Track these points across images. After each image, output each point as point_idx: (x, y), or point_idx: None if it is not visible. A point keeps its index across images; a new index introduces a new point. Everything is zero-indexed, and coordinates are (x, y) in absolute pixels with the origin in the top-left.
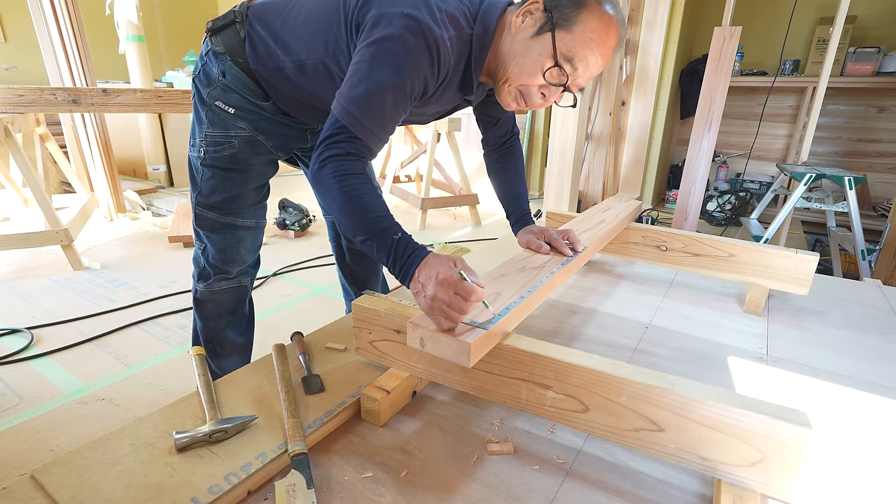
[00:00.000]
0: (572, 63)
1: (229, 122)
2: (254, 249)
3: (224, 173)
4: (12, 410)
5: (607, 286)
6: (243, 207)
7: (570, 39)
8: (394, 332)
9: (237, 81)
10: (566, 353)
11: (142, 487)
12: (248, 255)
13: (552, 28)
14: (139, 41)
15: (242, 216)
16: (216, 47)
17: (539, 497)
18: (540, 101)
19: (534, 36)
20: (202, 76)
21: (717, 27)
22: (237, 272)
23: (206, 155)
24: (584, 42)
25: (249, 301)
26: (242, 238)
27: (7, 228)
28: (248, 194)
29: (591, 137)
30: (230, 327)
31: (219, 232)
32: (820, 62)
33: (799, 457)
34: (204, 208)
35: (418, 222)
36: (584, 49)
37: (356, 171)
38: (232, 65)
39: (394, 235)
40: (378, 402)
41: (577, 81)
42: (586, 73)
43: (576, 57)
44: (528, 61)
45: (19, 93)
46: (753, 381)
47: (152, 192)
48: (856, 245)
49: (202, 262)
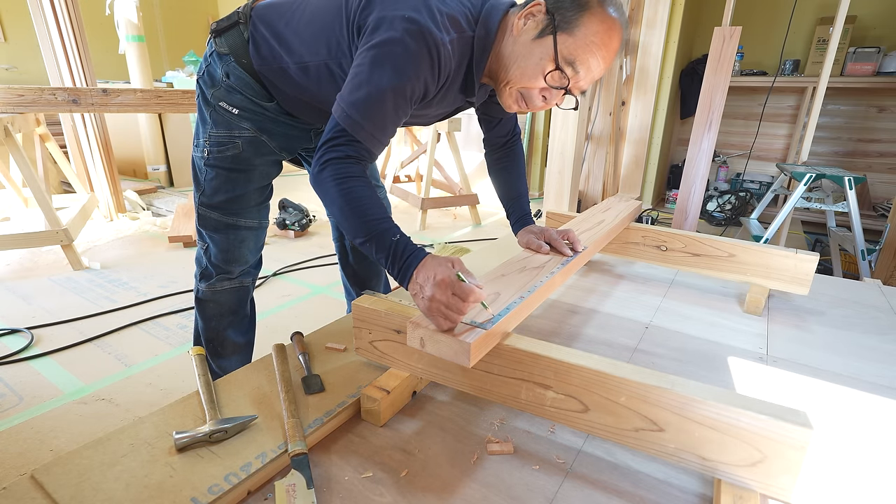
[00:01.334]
0: (574, 66)
1: (233, 123)
2: (256, 250)
3: (227, 173)
4: (12, 410)
5: (607, 286)
6: (246, 208)
7: (571, 42)
8: (394, 332)
9: (241, 82)
10: (566, 353)
11: (142, 487)
12: (250, 256)
13: (554, 31)
14: (139, 41)
15: (245, 216)
16: (220, 48)
17: (539, 497)
18: (541, 104)
19: (535, 38)
20: (206, 77)
21: (717, 27)
22: (239, 272)
23: (209, 155)
24: (586, 45)
25: (251, 301)
26: (245, 238)
27: (7, 228)
28: (251, 194)
29: (591, 137)
30: (231, 327)
31: (221, 232)
32: (820, 62)
33: (799, 457)
34: (207, 208)
35: (418, 222)
36: (585, 52)
37: (355, 174)
38: (236, 66)
39: (392, 237)
40: (378, 402)
41: (578, 84)
42: (588, 75)
43: (577, 60)
44: (530, 64)
45: (19, 93)
46: (753, 381)
47: (152, 192)
48: (856, 245)
49: (204, 261)
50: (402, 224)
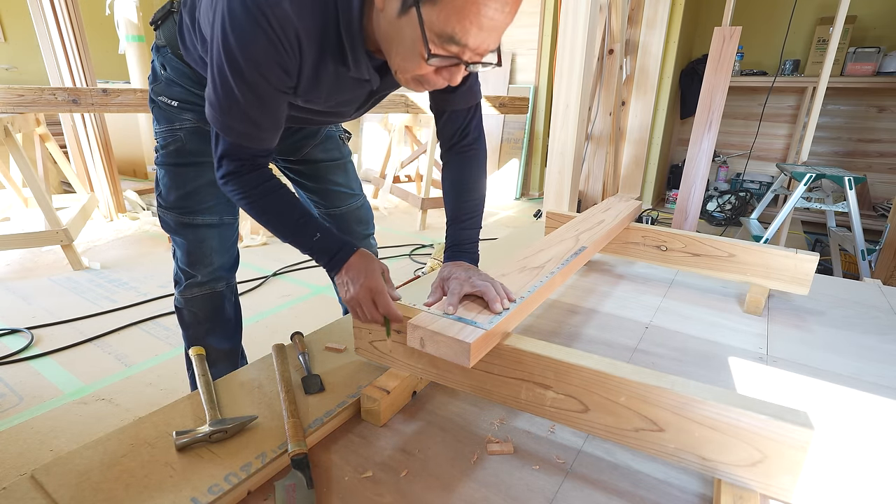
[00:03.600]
0: (454, 39)
1: (174, 116)
2: (222, 250)
3: (175, 169)
4: (12, 410)
5: (607, 286)
6: (202, 204)
7: (438, 13)
8: (393, 332)
9: (178, 73)
10: (566, 353)
11: (142, 487)
12: (215, 257)
13: (416, 3)
14: (139, 41)
15: (202, 214)
16: (158, 40)
17: (539, 497)
18: (446, 82)
19: (400, 14)
20: (150, 74)
21: (717, 27)
22: (207, 277)
23: (157, 154)
24: (459, 10)
25: (234, 305)
26: (205, 237)
27: (7, 228)
28: (204, 189)
29: (591, 137)
30: (210, 334)
31: (180, 233)
32: (820, 62)
33: (800, 457)
34: (164, 210)
35: (418, 222)
36: (462, 19)
37: (255, 183)
38: (172, 56)
39: (313, 237)
40: (378, 401)
41: (471, 56)
42: (480, 38)
43: (455, 32)
44: (405, 48)
45: (19, 93)
46: (753, 381)
47: (152, 192)
48: (856, 245)
49: (174, 267)
50: (402, 224)
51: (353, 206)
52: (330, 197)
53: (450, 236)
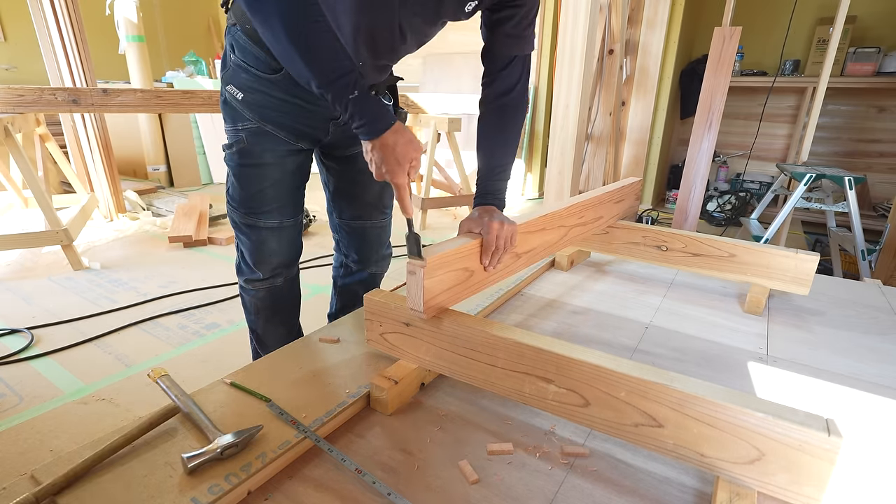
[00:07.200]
0: None
1: (237, 115)
2: (281, 251)
3: (239, 169)
4: (12, 410)
5: (607, 286)
6: (262, 206)
7: None
8: (403, 324)
9: (245, 52)
10: (568, 348)
11: (142, 487)
12: (274, 258)
13: None
14: (139, 41)
15: (264, 216)
16: (229, 20)
17: (539, 497)
18: None
19: None
20: (223, 63)
21: (717, 27)
22: (267, 275)
23: (225, 153)
24: None
25: (291, 294)
26: (265, 240)
27: (7, 228)
28: (266, 191)
29: (591, 137)
30: (268, 322)
31: (244, 232)
32: (820, 62)
33: (798, 456)
34: (232, 207)
35: (418, 222)
36: None
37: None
38: (241, 34)
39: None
40: (386, 391)
41: None
42: None
43: None
44: None
45: (19, 93)
46: (753, 380)
47: (152, 192)
48: (856, 245)
49: (237, 257)
50: (402, 224)
51: (377, 223)
52: (357, 205)
53: (481, 185)
